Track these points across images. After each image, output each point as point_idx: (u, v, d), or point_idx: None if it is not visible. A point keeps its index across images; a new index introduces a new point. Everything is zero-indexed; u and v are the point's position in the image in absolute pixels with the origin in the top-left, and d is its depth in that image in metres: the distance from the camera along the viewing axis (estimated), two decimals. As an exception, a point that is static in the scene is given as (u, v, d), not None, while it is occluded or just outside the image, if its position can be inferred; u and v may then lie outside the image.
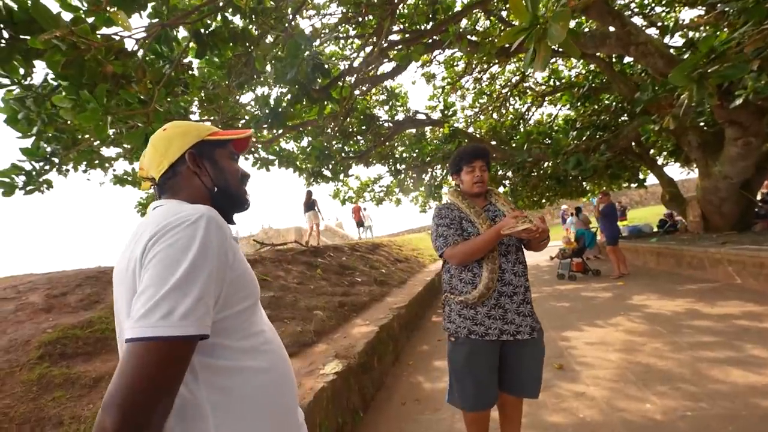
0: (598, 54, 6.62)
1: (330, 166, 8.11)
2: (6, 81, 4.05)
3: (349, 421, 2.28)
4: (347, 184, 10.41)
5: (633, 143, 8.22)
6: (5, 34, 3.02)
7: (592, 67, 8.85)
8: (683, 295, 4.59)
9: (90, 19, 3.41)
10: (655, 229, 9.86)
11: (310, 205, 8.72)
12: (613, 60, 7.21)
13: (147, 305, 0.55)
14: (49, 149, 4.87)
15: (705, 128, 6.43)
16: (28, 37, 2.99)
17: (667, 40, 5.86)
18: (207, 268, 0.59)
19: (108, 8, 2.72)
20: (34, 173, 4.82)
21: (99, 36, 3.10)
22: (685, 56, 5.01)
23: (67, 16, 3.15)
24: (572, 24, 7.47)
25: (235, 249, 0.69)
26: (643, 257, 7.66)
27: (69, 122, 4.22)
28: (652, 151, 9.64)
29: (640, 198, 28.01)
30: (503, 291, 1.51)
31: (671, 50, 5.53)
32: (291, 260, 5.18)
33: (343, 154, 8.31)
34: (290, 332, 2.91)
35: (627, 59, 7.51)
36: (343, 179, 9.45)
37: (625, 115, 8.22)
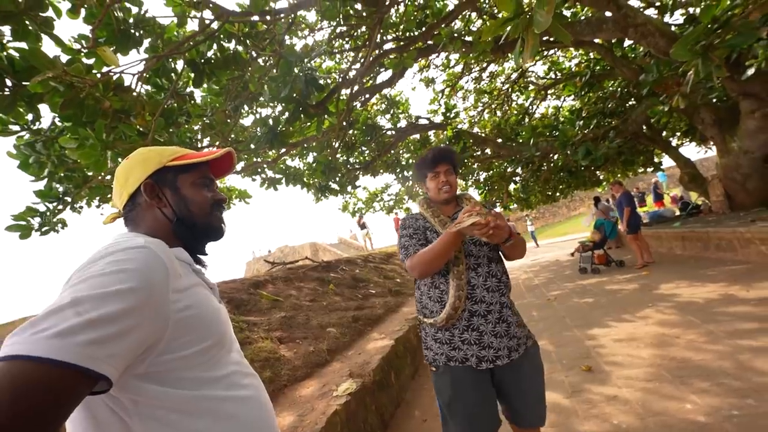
0: (596, 40, 6.47)
1: (337, 180, 8.12)
2: (16, 128, 4.21)
3: (368, 443, 2.19)
4: (355, 195, 10.42)
5: (644, 127, 7.95)
6: (8, 82, 3.13)
7: (592, 55, 8.68)
8: (715, 280, 4.32)
9: (90, 60, 3.52)
10: (677, 213, 9.48)
11: (362, 225, 13.99)
12: (613, 44, 7.04)
13: (38, 316, 0.46)
14: (61, 189, 5.01)
15: (718, 104, 6.17)
16: (29, 83, 3.08)
17: (667, 18, 5.69)
18: (134, 301, 0.52)
19: (97, 46, 2.76)
20: (48, 214, 4.96)
21: (96, 74, 3.18)
22: (688, 30, 4.83)
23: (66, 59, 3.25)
24: (567, 13, 7.37)
25: (187, 286, 0.63)
26: (668, 243, 7.32)
27: (77, 161, 4.34)
28: (664, 133, 9.33)
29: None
30: (474, 310, 1.31)
31: (672, 28, 5.35)
32: (303, 277, 5.14)
33: (348, 166, 8.32)
34: (303, 353, 2.84)
35: (627, 42, 7.33)
36: (351, 191, 9.45)
37: (632, 99, 7.99)
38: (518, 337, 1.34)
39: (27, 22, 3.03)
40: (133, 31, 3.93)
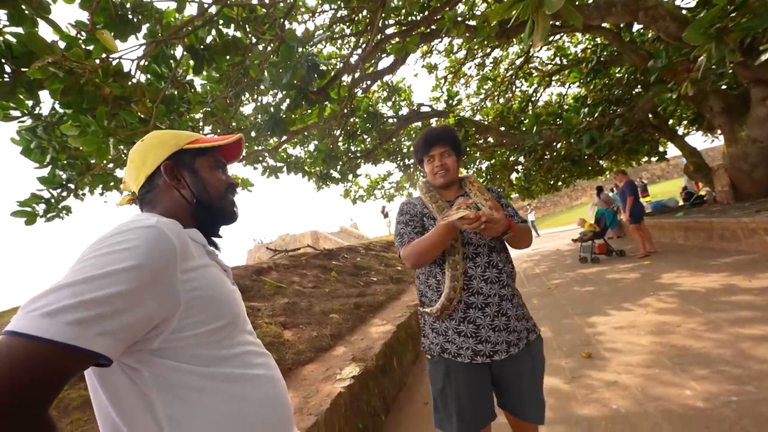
0: (604, 25, 6.33)
1: (338, 168, 8.08)
2: (17, 113, 4.19)
3: (370, 426, 2.23)
4: (357, 183, 10.39)
5: (650, 115, 7.84)
6: (7, 69, 3.09)
7: (598, 40, 8.50)
8: (717, 270, 4.32)
9: (89, 46, 3.47)
10: (681, 203, 9.42)
11: (385, 214, 16.53)
12: (621, 29, 6.88)
13: (26, 300, 0.49)
14: (64, 176, 5.01)
15: (728, 91, 6.06)
16: (28, 69, 3.04)
17: (678, 2, 5.55)
18: (134, 281, 0.52)
19: (96, 31, 2.72)
20: (53, 200, 4.97)
21: (95, 60, 3.14)
22: (700, 14, 4.71)
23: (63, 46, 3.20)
24: (574, -3, 7.18)
25: (197, 266, 0.63)
26: (670, 233, 7.31)
27: (79, 148, 4.33)
28: (671, 122, 9.20)
29: (662, 172, 26.91)
30: (471, 302, 1.25)
31: (684, 12, 5.22)
32: (305, 265, 5.17)
33: (349, 154, 8.27)
34: (306, 337, 2.88)
35: (636, 27, 7.16)
36: (352, 179, 9.42)
37: (639, 86, 7.85)
38: (518, 331, 1.28)
39: (23, 6, 2.97)
40: (131, 16, 3.87)
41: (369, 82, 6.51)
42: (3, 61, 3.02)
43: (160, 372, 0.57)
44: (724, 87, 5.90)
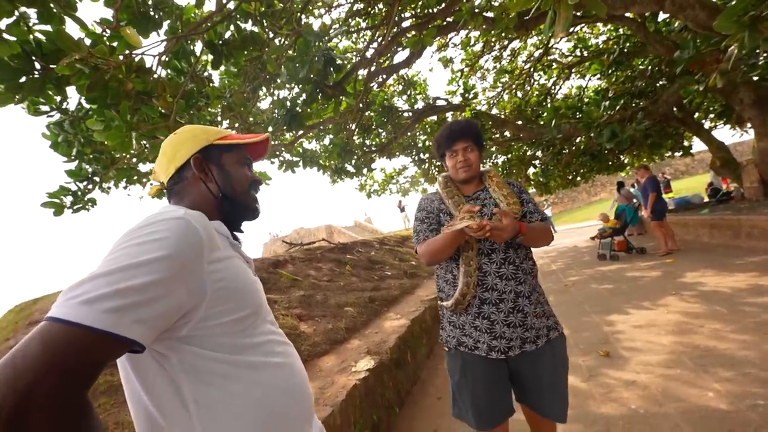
0: (628, 14, 6.10)
1: (353, 162, 8.11)
2: (45, 108, 4.36)
3: (384, 418, 2.26)
4: (372, 177, 10.40)
5: (674, 108, 7.55)
6: (37, 65, 3.21)
7: (621, 31, 8.21)
8: (744, 270, 4.17)
9: (113, 43, 3.57)
10: (706, 199, 9.08)
11: (402, 208, 17.79)
12: (646, 19, 6.62)
13: (72, 283, 0.51)
14: (90, 169, 5.20)
15: (760, 82, 5.77)
16: (56, 66, 3.15)
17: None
18: (166, 271, 0.54)
19: (120, 28, 2.79)
20: (79, 193, 5.17)
21: (119, 56, 3.22)
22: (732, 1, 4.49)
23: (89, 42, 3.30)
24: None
25: (222, 258, 0.65)
26: (695, 231, 7.06)
27: (104, 142, 4.49)
28: (697, 115, 8.84)
29: (686, 167, 25.94)
30: (486, 298, 1.25)
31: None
32: (320, 258, 5.23)
33: (364, 149, 8.28)
34: (322, 330, 2.92)
35: (662, 16, 6.88)
36: (367, 173, 9.44)
37: (664, 78, 7.56)
38: (536, 327, 1.26)
39: (51, 5, 3.07)
40: (152, 13, 3.95)
41: (384, 76, 6.48)
42: (33, 58, 3.13)
43: (188, 358, 0.60)
44: (756, 78, 5.62)
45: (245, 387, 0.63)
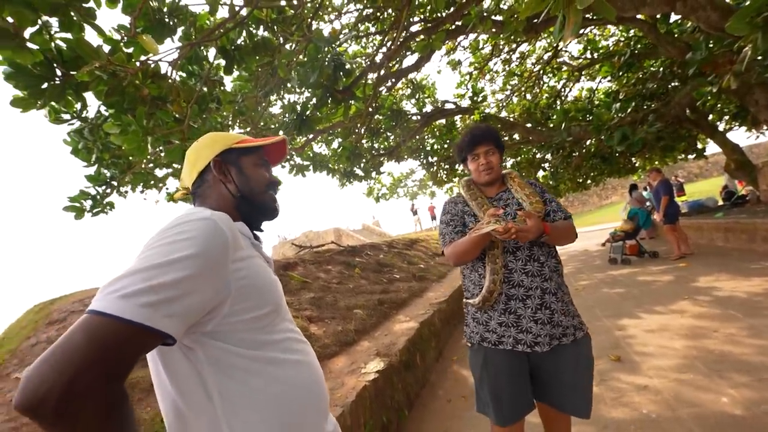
0: (638, 16, 6.06)
1: (361, 165, 8.16)
2: (66, 116, 4.50)
3: (394, 420, 2.27)
4: (380, 181, 10.43)
5: (687, 110, 7.44)
6: (58, 72, 3.32)
7: (632, 32, 8.13)
8: (761, 274, 4.08)
9: (129, 49, 3.68)
10: (721, 203, 8.91)
11: (414, 212, 18.70)
12: (657, 20, 6.56)
13: (109, 279, 0.55)
14: (108, 174, 5.35)
15: (775, 84, 5.66)
16: (76, 72, 3.26)
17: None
18: (195, 268, 0.58)
19: (137, 35, 2.88)
20: (98, 197, 5.32)
21: (136, 63, 3.32)
22: (745, 2, 4.43)
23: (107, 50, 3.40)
24: (607, -12, 6.91)
25: (245, 257, 0.68)
26: (709, 235, 6.93)
27: (120, 148, 4.61)
28: (710, 117, 8.69)
29: (699, 170, 25.44)
30: (512, 294, 1.29)
31: (727, 0, 4.92)
32: (330, 261, 5.27)
33: (373, 152, 8.33)
34: (332, 332, 2.95)
35: (673, 17, 6.81)
36: (376, 177, 9.48)
37: (676, 80, 7.46)
38: (564, 326, 1.28)
39: (72, 13, 3.18)
40: (167, 19, 4.06)
41: (393, 80, 6.53)
42: (54, 65, 3.24)
43: (212, 353, 0.63)
44: (771, 79, 5.52)
45: (265, 381, 0.66)
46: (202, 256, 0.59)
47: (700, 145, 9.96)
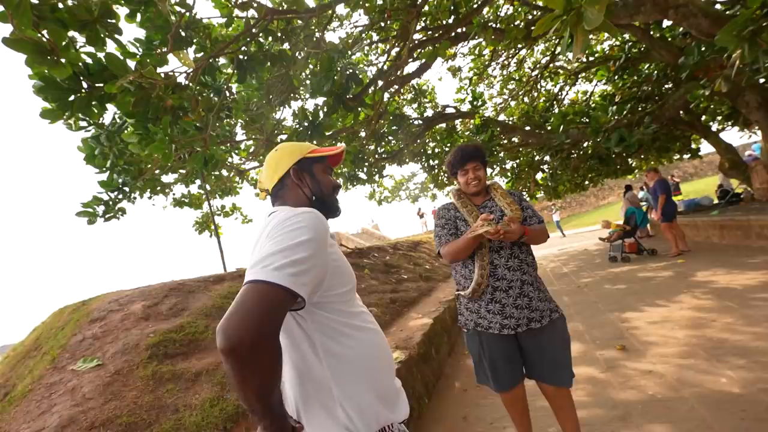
0: (633, 23, 6.28)
1: (365, 169, 8.33)
2: (84, 123, 4.65)
3: (415, 407, 2.41)
4: (382, 184, 10.61)
5: (681, 112, 7.68)
6: (84, 85, 3.48)
7: (627, 36, 8.38)
8: (755, 268, 4.27)
9: (148, 61, 3.84)
10: (716, 201, 9.13)
11: (421, 215, 20.03)
12: (651, 25, 6.79)
13: (257, 258, 0.71)
14: (120, 180, 5.49)
15: (765, 85, 5.90)
16: (102, 84, 3.42)
17: (710, -3, 5.46)
18: (313, 249, 0.73)
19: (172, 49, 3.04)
20: (110, 202, 5.45)
21: (161, 74, 3.49)
22: (734, 11, 4.65)
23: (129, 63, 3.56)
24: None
25: (333, 243, 0.85)
26: (705, 232, 7.14)
27: (135, 155, 4.76)
28: (704, 118, 8.94)
29: (694, 169, 25.81)
30: (497, 286, 1.55)
31: (717, 6, 5.15)
32: (339, 263, 5.41)
33: (376, 156, 8.51)
34: (350, 328, 3.09)
35: (666, 22, 7.05)
36: (378, 180, 9.65)
37: (670, 82, 7.71)
38: (540, 309, 1.54)
39: (99, 29, 3.35)
40: (182, 33, 4.23)
41: (397, 86, 6.72)
42: (82, 78, 3.40)
43: (318, 319, 0.80)
44: (762, 81, 5.75)
45: (357, 343, 0.83)
46: (316, 240, 0.75)
47: (694, 146, 10.22)
